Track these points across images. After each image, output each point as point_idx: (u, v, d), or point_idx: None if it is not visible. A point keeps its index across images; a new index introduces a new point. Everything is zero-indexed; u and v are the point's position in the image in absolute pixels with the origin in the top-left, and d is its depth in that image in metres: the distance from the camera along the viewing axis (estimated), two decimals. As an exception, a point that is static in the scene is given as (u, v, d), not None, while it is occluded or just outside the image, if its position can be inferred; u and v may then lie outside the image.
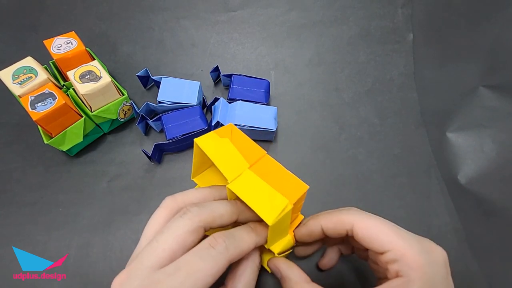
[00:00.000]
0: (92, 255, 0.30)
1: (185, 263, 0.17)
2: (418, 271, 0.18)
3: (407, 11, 0.42)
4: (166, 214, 0.20)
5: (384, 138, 0.36)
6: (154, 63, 0.40)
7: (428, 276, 0.18)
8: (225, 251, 0.18)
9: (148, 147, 0.33)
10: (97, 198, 0.33)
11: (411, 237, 0.19)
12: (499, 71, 0.32)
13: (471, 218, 0.31)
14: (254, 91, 0.36)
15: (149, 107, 0.35)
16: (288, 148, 0.36)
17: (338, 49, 0.41)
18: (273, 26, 0.43)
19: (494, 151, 0.31)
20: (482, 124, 0.33)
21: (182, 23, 0.43)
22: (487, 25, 0.33)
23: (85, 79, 0.31)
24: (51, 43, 0.33)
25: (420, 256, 0.18)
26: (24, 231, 0.31)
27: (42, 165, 0.34)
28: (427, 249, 0.19)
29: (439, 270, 0.18)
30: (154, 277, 0.17)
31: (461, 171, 0.32)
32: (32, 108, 0.28)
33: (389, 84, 0.39)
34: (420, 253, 0.18)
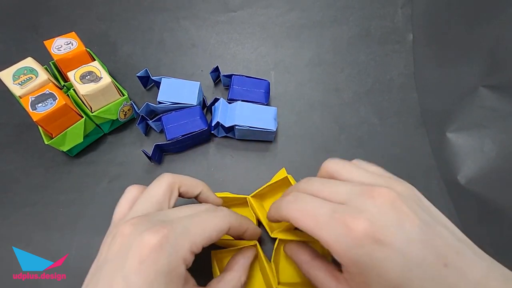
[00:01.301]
0: (92, 255, 0.30)
1: (197, 215, 0.20)
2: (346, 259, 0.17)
3: (407, 11, 0.42)
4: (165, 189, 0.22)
5: (384, 138, 0.36)
6: (154, 63, 0.40)
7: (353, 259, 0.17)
8: (227, 215, 0.21)
9: (148, 147, 0.33)
10: (98, 198, 0.33)
11: (333, 219, 0.18)
12: (499, 71, 0.32)
13: (471, 218, 0.31)
14: (254, 91, 0.36)
15: (149, 107, 0.35)
16: (288, 148, 0.36)
17: (338, 49, 0.41)
18: (273, 26, 0.43)
19: (494, 151, 0.31)
20: (482, 124, 0.33)
21: (182, 23, 0.43)
22: (487, 25, 0.33)
23: (85, 79, 0.31)
24: (52, 43, 0.33)
25: (341, 241, 0.17)
26: (24, 231, 0.31)
27: (42, 166, 0.34)
28: (347, 229, 0.17)
29: (359, 247, 0.17)
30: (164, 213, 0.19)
31: (461, 171, 0.32)
32: (33, 109, 0.28)
33: (389, 84, 0.39)
34: (338, 237, 0.17)
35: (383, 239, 0.16)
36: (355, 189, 0.19)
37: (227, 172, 0.34)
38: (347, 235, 0.17)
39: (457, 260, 0.16)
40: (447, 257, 0.16)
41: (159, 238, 0.17)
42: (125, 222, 0.18)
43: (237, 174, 0.34)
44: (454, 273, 0.16)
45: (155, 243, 0.17)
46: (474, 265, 0.16)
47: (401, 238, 0.16)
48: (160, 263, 0.17)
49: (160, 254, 0.17)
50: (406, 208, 0.17)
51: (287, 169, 0.34)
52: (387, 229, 0.16)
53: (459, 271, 0.16)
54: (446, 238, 0.17)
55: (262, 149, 0.35)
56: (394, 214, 0.17)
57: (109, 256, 0.18)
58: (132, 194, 0.22)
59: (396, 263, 0.16)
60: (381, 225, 0.17)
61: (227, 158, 0.35)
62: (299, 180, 0.26)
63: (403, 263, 0.16)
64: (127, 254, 0.17)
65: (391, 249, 0.16)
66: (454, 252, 0.16)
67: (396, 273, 0.16)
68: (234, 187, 0.33)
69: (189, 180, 0.24)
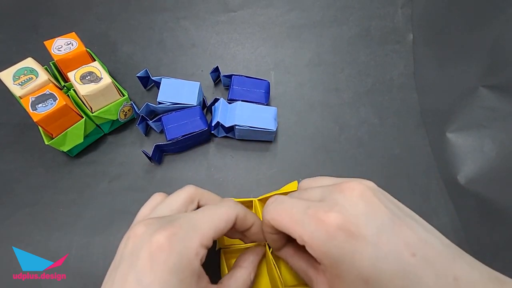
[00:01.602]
0: (92, 255, 0.30)
1: (204, 209, 0.20)
2: (319, 253, 0.17)
3: (407, 11, 0.42)
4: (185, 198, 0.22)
5: (384, 138, 0.36)
6: (154, 64, 0.40)
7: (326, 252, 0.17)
8: (234, 205, 0.21)
9: (148, 147, 0.34)
10: (98, 198, 0.33)
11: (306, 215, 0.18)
12: (499, 71, 0.32)
13: (471, 218, 0.31)
14: (254, 91, 0.36)
15: (149, 107, 0.35)
16: (288, 148, 0.36)
17: (338, 49, 0.41)
18: (273, 26, 0.43)
19: (494, 151, 0.31)
20: (482, 124, 0.33)
21: (182, 23, 0.43)
22: (487, 25, 0.33)
23: (85, 80, 0.31)
24: (52, 44, 0.33)
25: (314, 235, 0.17)
26: (24, 231, 0.31)
27: (42, 166, 0.34)
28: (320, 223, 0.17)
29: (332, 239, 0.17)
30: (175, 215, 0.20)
31: (461, 171, 0.32)
32: (33, 109, 0.28)
33: (389, 84, 0.39)
34: (312, 231, 0.17)
35: (355, 230, 0.17)
36: (328, 188, 0.19)
37: (227, 172, 0.34)
38: (320, 229, 0.17)
39: (424, 250, 0.16)
40: (415, 246, 0.16)
41: (168, 236, 0.17)
42: (139, 223, 0.19)
43: (237, 174, 0.34)
44: (421, 263, 0.16)
45: (163, 242, 0.17)
46: (441, 255, 0.16)
47: (372, 228, 0.17)
48: (171, 261, 0.17)
49: (170, 252, 0.17)
50: (375, 199, 0.18)
51: (287, 168, 0.34)
52: (359, 220, 0.17)
53: (426, 260, 0.16)
54: (414, 228, 0.17)
55: (262, 149, 0.35)
56: (365, 205, 0.17)
57: (124, 256, 0.18)
58: (155, 201, 0.23)
59: (367, 254, 0.16)
60: (352, 217, 0.17)
61: (227, 158, 0.35)
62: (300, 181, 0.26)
63: (373, 255, 0.16)
64: (139, 254, 0.17)
65: (363, 241, 0.16)
66: (422, 241, 0.16)
67: (367, 265, 0.16)
68: (234, 187, 0.33)
69: (210, 194, 0.24)
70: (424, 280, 0.16)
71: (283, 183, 0.33)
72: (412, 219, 0.18)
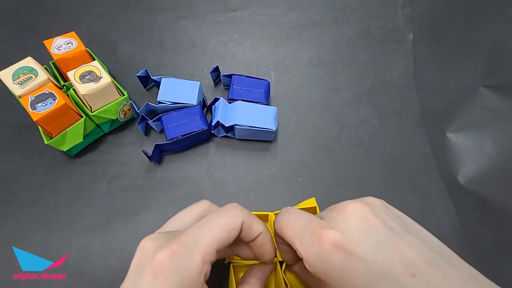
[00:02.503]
0: (92, 255, 0.30)
1: (207, 219, 0.19)
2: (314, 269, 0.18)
3: (407, 11, 0.42)
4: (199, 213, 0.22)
5: (384, 138, 0.36)
6: (154, 63, 0.40)
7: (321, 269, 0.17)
8: (239, 213, 0.20)
9: (148, 147, 0.33)
10: (97, 198, 0.33)
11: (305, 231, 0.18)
12: (499, 71, 0.32)
13: (471, 218, 0.31)
14: (254, 91, 0.36)
15: (149, 107, 0.35)
16: (288, 148, 0.36)
17: (338, 49, 0.41)
18: (273, 26, 0.43)
19: (494, 151, 0.31)
20: (482, 124, 0.33)
21: (182, 23, 0.43)
22: (487, 25, 0.33)
23: (85, 79, 0.31)
24: (51, 43, 0.33)
25: (311, 250, 0.18)
26: (24, 231, 0.31)
27: (42, 166, 0.34)
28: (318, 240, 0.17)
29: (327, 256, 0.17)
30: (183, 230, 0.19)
31: (461, 171, 0.32)
32: (32, 109, 0.28)
33: (389, 84, 0.39)
34: (309, 247, 0.18)
35: (349, 248, 0.16)
36: (330, 207, 0.20)
37: (227, 172, 0.34)
38: (317, 246, 0.17)
39: (427, 271, 0.15)
40: (416, 267, 0.15)
41: (168, 256, 0.17)
42: (148, 236, 0.19)
43: (237, 174, 0.34)
44: (422, 285, 0.15)
45: (163, 261, 0.17)
46: (448, 278, 0.15)
47: (366, 246, 0.16)
48: (173, 279, 0.17)
49: (171, 272, 0.17)
50: (373, 217, 0.17)
51: (287, 168, 0.34)
52: (353, 237, 0.17)
53: (428, 284, 0.15)
54: (416, 247, 0.16)
55: (262, 149, 0.35)
56: (361, 223, 0.17)
57: (131, 269, 0.18)
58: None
59: (361, 273, 0.16)
60: (349, 235, 0.17)
61: (227, 158, 0.35)
62: (298, 184, 0.26)
63: (367, 273, 0.16)
64: (142, 270, 0.17)
65: (356, 258, 0.16)
66: (424, 262, 0.16)
67: (359, 283, 0.16)
68: (234, 187, 0.33)
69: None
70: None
71: (283, 183, 0.34)
72: (417, 237, 0.17)
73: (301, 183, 0.34)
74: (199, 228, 0.19)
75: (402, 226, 0.18)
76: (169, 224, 0.21)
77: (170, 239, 0.18)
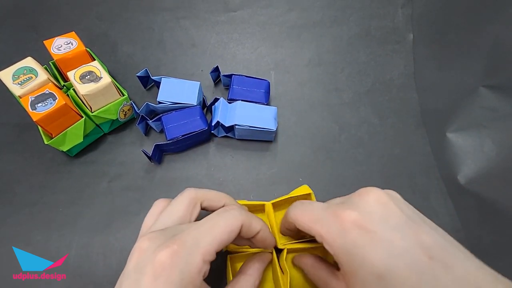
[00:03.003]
0: (92, 255, 0.30)
1: (207, 220, 0.20)
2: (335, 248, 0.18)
3: (407, 11, 0.42)
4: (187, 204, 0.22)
5: (384, 138, 0.36)
6: (154, 63, 0.40)
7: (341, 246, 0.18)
8: (238, 214, 0.20)
9: (148, 147, 0.33)
10: (97, 198, 0.33)
11: (325, 213, 0.19)
12: (499, 71, 0.32)
13: (471, 218, 0.31)
14: (254, 91, 0.36)
15: (149, 107, 0.35)
16: (288, 148, 0.36)
17: (338, 49, 0.41)
18: (273, 26, 0.43)
19: (494, 151, 0.31)
20: (482, 124, 0.33)
21: (182, 23, 0.43)
22: (487, 25, 0.33)
23: (85, 79, 0.31)
24: (51, 43, 0.33)
25: (331, 231, 0.18)
26: (24, 231, 0.31)
27: (42, 166, 0.34)
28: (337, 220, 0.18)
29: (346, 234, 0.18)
30: (179, 227, 0.19)
31: (461, 171, 0.32)
32: (33, 109, 0.28)
33: (389, 84, 0.39)
34: (329, 227, 0.19)
35: (369, 226, 0.17)
36: (348, 195, 0.21)
37: (227, 172, 0.34)
38: (336, 225, 0.18)
39: (443, 255, 0.16)
40: (433, 251, 0.16)
41: (169, 255, 0.17)
42: (143, 237, 0.19)
43: (237, 174, 0.34)
44: (440, 266, 0.16)
45: (165, 260, 0.17)
46: (461, 262, 0.16)
47: (386, 228, 0.17)
48: (174, 279, 0.17)
49: (172, 271, 0.17)
50: (393, 204, 0.18)
51: (287, 168, 0.34)
52: (373, 218, 0.18)
53: (445, 264, 0.16)
54: (432, 235, 0.17)
55: (262, 149, 0.35)
56: (380, 207, 0.18)
57: (129, 270, 0.18)
58: (158, 208, 0.23)
59: (380, 250, 0.16)
60: (367, 216, 0.18)
61: (227, 158, 0.35)
62: (298, 184, 0.26)
63: (387, 251, 0.16)
64: (142, 270, 0.17)
65: (375, 236, 0.17)
66: (440, 247, 0.16)
67: (380, 260, 0.16)
68: (234, 187, 0.33)
69: (212, 194, 0.24)
70: (442, 282, 0.15)
71: (283, 183, 0.34)
72: (431, 227, 0.18)
73: (301, 183, 0.34)
74: (199, 228, 0.19)
75: (418, 216, 0.19)
76: (161, 220, 0.21)
77: (169, 239, 0.18)
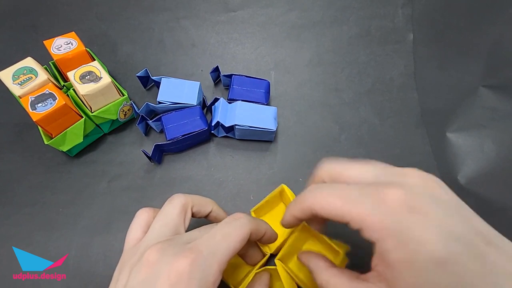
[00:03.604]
0: (92, 255, 0.30)
1: (218, 229, 0.19)
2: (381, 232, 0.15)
3: (407, 11, 0.42)
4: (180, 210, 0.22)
5: (384, 138, 0.36)
6: (154, 63, 0.40)
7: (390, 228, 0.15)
8: (247, 222, 0.20)
9: (148, 147, 0.33)
10: (97, 198, 0.33)
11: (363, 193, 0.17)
12: (499, 71, 0.32)
13: (471, 218, 0.31)
14: (254, 91, 0.36)
15: (149, 107, 0.35)
16: (288, 148, 0.36)
17: (338, 49, 0.41)
18: (273, 26, 0.43)
19: (494, 151, 0.31)
20: (482, 124, 0.33)
21: (182, 23, 0.43)
22: (487, 25, 0.33)
23: (85, 79, 0.31)
24: (51, 43, 0.33)
25: (375, 212, 0.16)
26: (24, 231, 0.31)
27: (42, 166, 0.34)
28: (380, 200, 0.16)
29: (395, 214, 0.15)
30: (188, 236, 0.19)
31: (461, 171, 0.32)
32: (32, 109, 0.28)
33: (389, 84, 0.39)
34: (371, 209, 0.16)
35: (420, 206, 0.15)
36: (382, 171, 0.18)
37: (227, 172, 0.34)
38: (381, 206, 0.16)
39: (497, 241, 0.15)
40: (489, 237, 0.15)
41: (189, 263, 0.17)
42: (149, 249, 0.18)
43: (237, 174, 0.34)
44: (497, 252, 0.14)
45: (184, 269, 0.16)
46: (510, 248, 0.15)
47: (438, 209, 0.15)
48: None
49: (191, 280, 0.16)
50: (439, 187, 0.16)
51: (287, 168, 0.34)
52: (423, 200, 0.15)
53: (504, 251, 0.14)
54: (480, 220, 0.16)
55: (262, 149, 0.35)
56: (429, 189, 0.16)
57: (133, 285, 0.17)
58: (143, 218, 0.22)
59: (436, 234, 0.14)
60: (416, 194, 0.15)
61: (227, 158, 0.35)
62: (298, 184, 0.25)
63: (443, 235, 0.14)
64: (155, 283, 0.16)
65: (428, 218, 0.15)
66: (495, 235, 0.15)
67: (437, 243, 0.14)
68: (234, 187, 0.33)
69: (199, 199, 0.24)
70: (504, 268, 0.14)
71: (283, 183, 0.33)
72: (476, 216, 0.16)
73: (301, 183, 0.34)
74: (213, 238, 0.19)
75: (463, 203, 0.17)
76: (156, 231, 0.20)
77: (183, 248, 0.18)
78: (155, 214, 0.22)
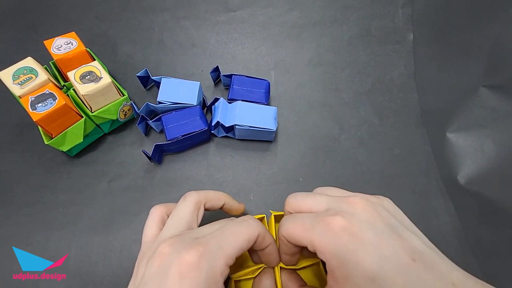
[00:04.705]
0: (92, 255, 0.30)
1: (227, 227, 0.21)
2: (327, 254, 0.18)
3: (407, 11, 0.42)
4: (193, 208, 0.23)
5: (384, 138, 0.36)
6: (154, 63, 0.40)
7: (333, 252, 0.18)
8: (256, 224, 0.22)
9: (148, 147, 0.33)
10: (97, 198, 0.33)
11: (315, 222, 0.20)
12: (499, 71, 0.32)
13: (471, 218, 0.31)
14: (254, 91, 0.36)
15: (149, 107, 0.35)
16: (288, 148, 0.36)
17: (338, 49, 0.41)
18: (273, 26, 0.43)
19: (494, 151, 0.31)
20: (482, 124, 0.32)
21: (182, 23, 0.43)
22: (487, 25, 0.33)
23: (85, 79, 0.31)
24: (51, 43, 0.33)
25: (322, 237, 0.19)
26: (24, 231, 0.31)
27: (42, 166, 0.34)
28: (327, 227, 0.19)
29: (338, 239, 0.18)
30: (197, 232, 0.20)
31: (461, 171, 0.32)
32: (33, 109, 0.28)
33: (389, 84, 0.39)
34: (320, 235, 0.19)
35: (358, 232, 0.18)
36: (334, 199, 0.21)
37: (227, 172, 0.34)
38: (327, 232, 0.19)
39: (423, 258, 0.17)
40: (414, 254, 0.17)
41: (197, 256, 0.18)
42: (163, 243, 0.19)
43: (237, 174, 0.34)
44: (422, 267, 0.17)
45: (193, 261, 0.18)
46: (439, 264, 0.17)
47: (373, 233, 0.18)
48: (200, 279, 0.18)
49: (199, 271, 0.18)
50: (376, 213, 0.19)
51: (287, 168, 0.35)
52: (361, 226, 0.18)
53: (426, 266, 0.17)
54: (413, 240, 0.18)
55: (262, 149, 0.35)
56: (366, 215, 0.19)
57: (149, 275, 0.19)
58: (157, 214, 0.24)
59: (370, 254, 0.17)
60: (355, 221, 0.19)
61: (227, 158, 0.35)
62: (298, 184, 0.25)
63: (377, 254, 0.17)
64: (167, 272, 0.18)
65: (365, 241, 0.18)
66: (420, 251, 0.18)
67: (371, 263, 0.17)
68: (234, 187, 0.33)
69: (212, 194, 0.25)
70: (425, 281, 0.16)
71: (283, 183, 0.34)
72: (413, 233, 0.19)
73: (301, 183, 0.34)
74: (222, 234, 0.20)
75: (401, 223, 0.20)
76: (171, 227, 0.22)
77: (192, 241, 0.19)
78: (168, 209, 0.24)
